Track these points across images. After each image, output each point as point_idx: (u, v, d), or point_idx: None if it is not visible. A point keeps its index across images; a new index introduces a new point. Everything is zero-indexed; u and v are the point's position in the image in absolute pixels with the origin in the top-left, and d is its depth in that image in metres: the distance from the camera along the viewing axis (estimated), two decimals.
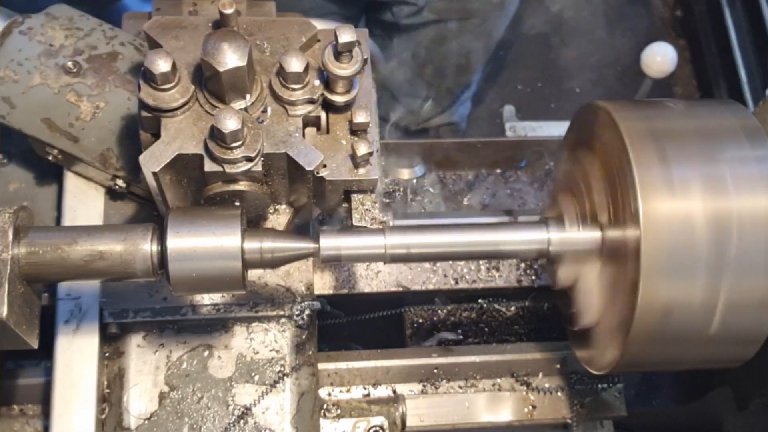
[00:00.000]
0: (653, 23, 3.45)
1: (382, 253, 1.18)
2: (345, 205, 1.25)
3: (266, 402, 1.35)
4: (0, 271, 1.02)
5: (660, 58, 2.11)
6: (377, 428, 1.42)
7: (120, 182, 1.39)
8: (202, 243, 1.07)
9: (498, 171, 1.80)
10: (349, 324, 1.55)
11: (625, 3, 3.44)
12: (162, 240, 1.07)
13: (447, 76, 2.48)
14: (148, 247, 1.08)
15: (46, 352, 1.35)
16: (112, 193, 1.44)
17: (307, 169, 1.13)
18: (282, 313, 1.40)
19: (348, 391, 1.49)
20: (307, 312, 1.38)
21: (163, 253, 1.07)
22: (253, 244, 1.10)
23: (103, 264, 1.08)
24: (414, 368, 1.51)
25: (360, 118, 1.18)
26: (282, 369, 1.37)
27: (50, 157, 1.40)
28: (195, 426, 1.33)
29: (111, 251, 1.07)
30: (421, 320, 1.68)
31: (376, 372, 1.50)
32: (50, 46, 1.38)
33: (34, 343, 1.09)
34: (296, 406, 1.36)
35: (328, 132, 1.20)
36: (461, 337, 1.56)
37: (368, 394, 1.49)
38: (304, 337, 1.40)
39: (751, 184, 1.10)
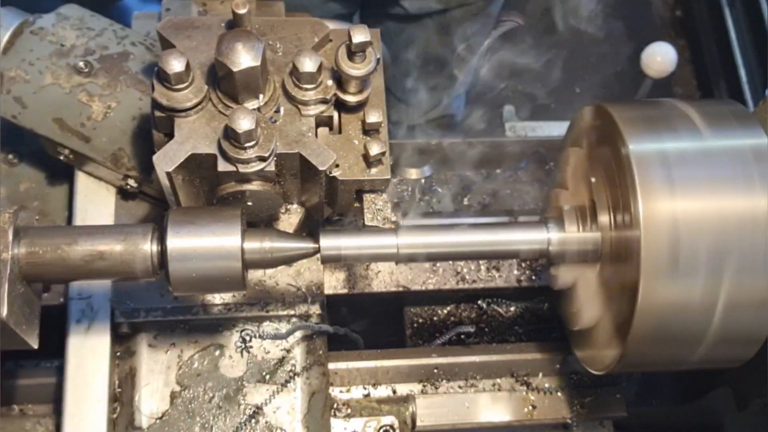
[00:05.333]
0: (653, 23, 3.45)
1: (395, 253, 1.19)
2: (357, 204, 1.25)
3: (277, 401, 1.36)
4: (0, 271, 1.02)
5: (660, 58, 2.11)
6: (387, 428, 1.43)
7: (131, 182, 1.39)
8: (202, 243, 1.07)
9: (498, 171, 1.80)
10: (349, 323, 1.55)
11: (626, 3, 3.44)
12: (162, 240, 1.07)
13: (448, 64, 2.46)
14: (148, 247, 1.08)
15: (45, 352, 1.35)
16: (123, 193, 1.45)
17: (320, 168, 1.14)
18: (292, 312, 1.40)
19: (348, 391, 1.49)
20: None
21: (163, 253, 1.07)
22: (253, 244, 1.10)
23: (103, 264, 1.08)
24: (414, 368, 1.51)
25: (372, 117, 1.18)
26: (293, 368, 1.38)
27: (61, 157, 1.41)
28: (206, 425, 1.33)
29: (111, 251, 1.07)
30: (421, 320, 1.68)
31: (376, 372, 1.50)
32: (61, 46, 1.39)
33: (34, 343, 1.09)
34: (307, 406, 1.36)
35: (340, 132, 1.21)
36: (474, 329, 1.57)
37: (368, 394, 1.49)
38: (314, 336, 1.40)
39: (751, 184, 1.10)
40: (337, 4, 2.31)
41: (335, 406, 1.44)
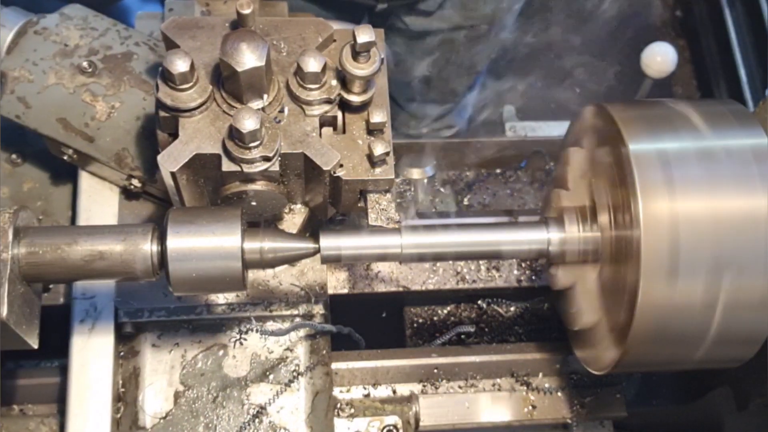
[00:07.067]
0: (653, 23, 3.44)
1: (398, 253, 1.19)
2: (360, 204, 1.25)
3: (281, 401, 1.36)
4: (0, 271, 1.02)
5: (660, 58, 2.11)
6: (391, 428, 1.43)
7: (135, 182, 1.40)
8: (202, 243, 1.07)
9: (498, 171, 1.80)
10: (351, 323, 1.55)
11: (626, 3, 3.44)
12: (162, 240, 1.07)
13: (452, 80, 2.48)
14: (148, 247, 1.08)
15: (46, 352, 1.35)
16: (127, 193, 1.45)
17: (324, 168, 1.14)
18: (296, 312, 1.41)
19: (348, 391, 1.49)
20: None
21: (163, 253, 1.07)
22: (253, 244, 1.10)
23: (103, 264, 1.08)
24: (414, 368, 1.51)
25: (377, 117, 1.18)
26: (296, 368, 1.38)
27: (65, 157, 1.41)
28: (210, 425, 1.33)
29: (111, 251, 1.07)
30: (421, 320, 1.68)
31: (376, 372, 1.50)
32: (65, 46, 1.39)
33: (34, 343, 1.09)
34: (311, 406, 1.37)
35: (344, 132, 1.21)
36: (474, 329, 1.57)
37: (368, 394, 1.49)
38: (318, 336, 1.41)
39: (751, 184, 1.11)
40: (335, 16, 2.31)
41: (338, 405, 1.45)
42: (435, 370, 1.52)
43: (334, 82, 1.17)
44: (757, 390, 1.41)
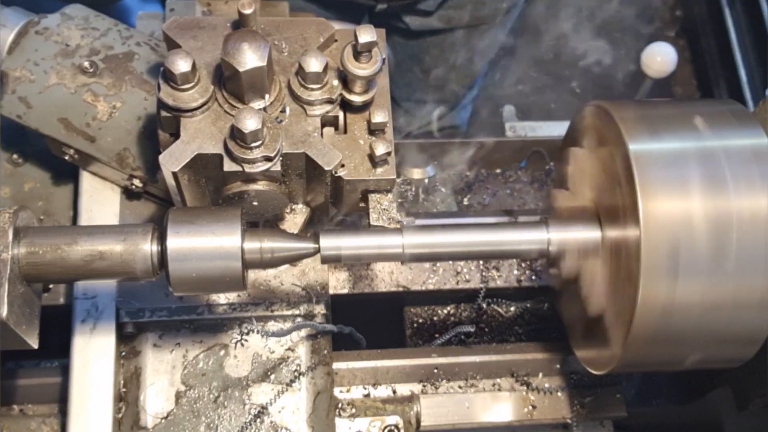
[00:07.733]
0: (653, 23, 3.45)
1: (399, 253, 1.19)
2: (362, 204, 1.25)
3: (282, 401, 1.36)
4: (0, 271, 1.02)
5: (660, 58, 2.11)
6: (392, 428, 1.43)
7: (136, 182, 1.40)
8: (202, 243, 1.07)
9: (498, 171, 1.80)
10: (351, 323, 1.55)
11: (626, 2, 3.44)
12: (162, 240, 1.07)
13: (452, 80, 2.49)
14: (148, 247, 1.08)
15: (46, 352, 1.35)
16: (128, 193, 1.45)
17: (326, 168, 1.14)
18: (297, 312, 1.41)
19: (348, 391, 1.49)
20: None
21: (163, 253, 1.07)
22: (253, 244, 1.11)
23: (103, 264, 1.08)
24: (414, 368, 1.51)
25: (378, 117, 1.18)
26: (298, 368, 1.38)
27: (66, 157, 1.41)
28: (211, 425, 1.33)
29: (111, 251, 1.07)
30: (421, 320, 1.68)
31: (376, 372, 1.50)
32: (66, 46, 1.39)
33: (34, 343, 1.09)
34: (312, 406, 1.37)
35: (345, 132, 1.21)
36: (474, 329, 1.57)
37: (368, 394, 1.49)
38: (319, 336, 1.41)
39: (751, 184, 1.11)
40: (336, 15, 2.32)
41: (339, 405, 1.45)
42: (435, 370, 1.52)
43: (335, 82, 1.17)
44: (757, 390, 1.40)
